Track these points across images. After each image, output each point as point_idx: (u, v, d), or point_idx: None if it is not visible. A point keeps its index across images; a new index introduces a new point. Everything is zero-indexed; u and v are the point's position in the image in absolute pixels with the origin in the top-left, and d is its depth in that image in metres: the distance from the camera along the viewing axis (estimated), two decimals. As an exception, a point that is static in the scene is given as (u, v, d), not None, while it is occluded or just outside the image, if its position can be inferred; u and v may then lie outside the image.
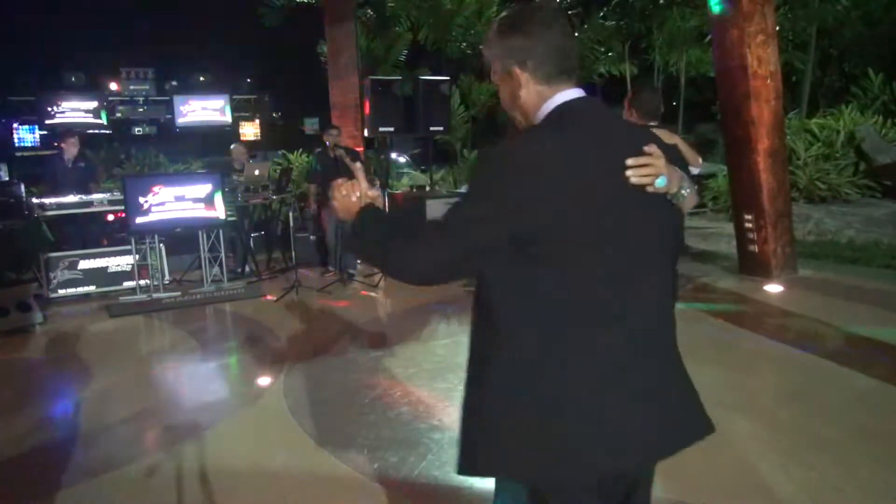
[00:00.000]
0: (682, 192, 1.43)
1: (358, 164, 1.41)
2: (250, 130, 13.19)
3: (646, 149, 1.37)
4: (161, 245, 7.23)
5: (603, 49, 12.80)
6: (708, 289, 6.49)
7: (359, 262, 8.14)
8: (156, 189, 6.89)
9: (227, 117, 12.05)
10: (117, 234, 7.54)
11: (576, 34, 12.38)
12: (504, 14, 1.50)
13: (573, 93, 1.42)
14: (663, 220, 1.43)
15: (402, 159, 17.64)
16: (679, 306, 5.77)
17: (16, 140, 10.67)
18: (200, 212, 7.11)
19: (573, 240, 1.31)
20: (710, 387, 4.02)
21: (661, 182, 1.37)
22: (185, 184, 7.15)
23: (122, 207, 6.98)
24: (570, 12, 12.84)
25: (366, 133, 8.78)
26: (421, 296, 6.68)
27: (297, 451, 3.38)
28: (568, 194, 1.29)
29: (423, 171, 15.06)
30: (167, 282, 7.45)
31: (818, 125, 10.82)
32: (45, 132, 10.39)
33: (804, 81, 12.62)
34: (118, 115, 10.98)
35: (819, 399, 3.80)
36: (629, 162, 1.35)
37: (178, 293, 7.05)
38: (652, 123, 3.66)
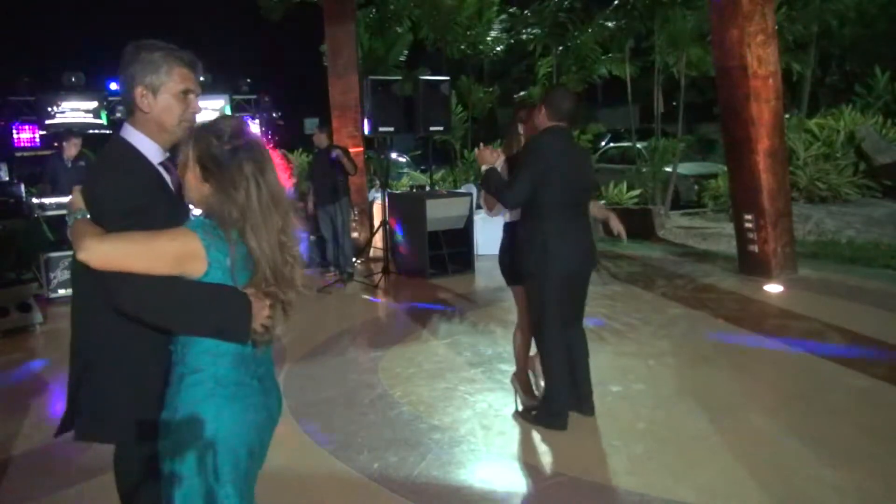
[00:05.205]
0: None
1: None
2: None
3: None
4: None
5: (603, 50, 12.78)
6: (708, 289, 6.49)
7: (356, 261, 8.15)
8: (156, 189, 6.88)
9: (227, 117, 12.05)
10: None
11: (576, 33, 12.43)
12: None
13: None
14: None
15: (402, 159, 17.64)
16: (679, 307, 5.70)
17: (16, 140, 10.66)
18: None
19: None
20: (709, 387, 4.06)
21: None
22: (185, 184, 7.14)
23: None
24: (570, 14, 12.81)
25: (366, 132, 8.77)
26: (420, 296, 6.68)
27: (297, 451, 3.38)
28: None
29: (422, 171, 15.03)
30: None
31: (818, 125, 10.79)
32: (45, 132, 10.38)
33: (804, 81, 12.60)
34: (118, 115, 10.93)
35: (819, 399, 3.80)
36: None
37: (178, 293, 7.03)
38: (562, 125, 3.47)
